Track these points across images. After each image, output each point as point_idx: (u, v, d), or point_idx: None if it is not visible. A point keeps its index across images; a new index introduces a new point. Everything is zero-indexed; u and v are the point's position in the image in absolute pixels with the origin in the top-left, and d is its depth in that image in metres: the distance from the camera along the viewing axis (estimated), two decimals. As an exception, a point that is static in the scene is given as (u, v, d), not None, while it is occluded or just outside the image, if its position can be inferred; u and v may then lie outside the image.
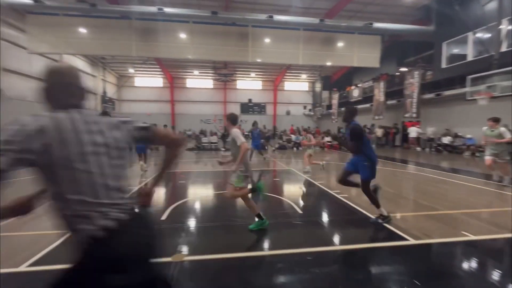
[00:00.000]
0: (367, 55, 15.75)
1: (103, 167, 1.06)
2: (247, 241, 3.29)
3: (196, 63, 25.58)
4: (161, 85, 30.82)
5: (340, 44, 15.82)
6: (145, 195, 1.39)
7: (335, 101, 23.35)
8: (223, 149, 16.03)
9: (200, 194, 5.57)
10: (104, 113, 1.39)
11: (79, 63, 22.39)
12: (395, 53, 19.57)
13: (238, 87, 32.04)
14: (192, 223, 3.82)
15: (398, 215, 4.11)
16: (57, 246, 2.99)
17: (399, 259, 2.86)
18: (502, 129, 5.78)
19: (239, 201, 4.98)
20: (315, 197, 5.55)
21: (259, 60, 15.89)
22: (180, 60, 23.79)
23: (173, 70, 28.68)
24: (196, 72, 29.23)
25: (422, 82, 14.12)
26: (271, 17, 13.29)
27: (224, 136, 18.42)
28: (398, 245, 3.10)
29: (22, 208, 1.08)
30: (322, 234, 3.51)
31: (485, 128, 6.10)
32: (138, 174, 7.32)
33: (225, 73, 26.96)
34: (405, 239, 3.17)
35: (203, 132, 27.97)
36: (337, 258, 2.88)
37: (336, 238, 3.38)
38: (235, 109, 31.01)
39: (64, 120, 1.03)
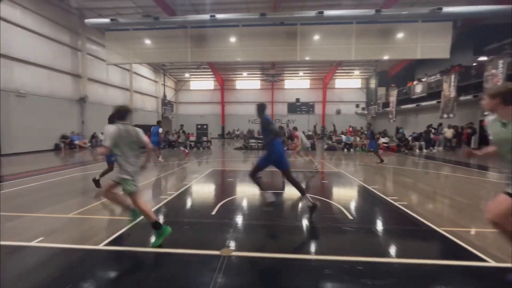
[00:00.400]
0: (434, 45, 13.86)
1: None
2: (293, 242, 3.23)
3: (244, 65, 26.39)
4: (213, 87, 32.68)
5: (400, 35, 14.31)
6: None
7: (393, 98, 21.24)
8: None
9: (247, 193, 5.71)
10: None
11: (144, 71, 25.38)
12: (471, 40, 16.78)
13: (285, 86, 31.89)
14: (239, 220, 3.93)
15: (472, 231, 3.51)
16: (126, 231, 3.43)
17: (474, 283, 2.42)
18: None
19: (285, 202, 4.94)
20: (368, 202, 5.14)
21: (307, 58, 15.51)
22: (230, 63, 24.90)
23: (224, 73, 30.18)
24: (244, 73, 30.15)
25: (508, 72, 11.75)
26: (321, 13, 12.81)
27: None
28: (473, 265, 2.64)
29: None
30: (376, 243, 3.21)
31: None
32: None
33: (272, 73, 27.13)
34: (483, 260, 2.67)
35: (250, 132, 28.67)
36: (393, 272, 2.60)
37: (393, 250, 3.05)
38: (283, 109, 30.94)
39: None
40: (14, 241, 3.15)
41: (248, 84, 32.24)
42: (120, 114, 3.03)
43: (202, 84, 32.94)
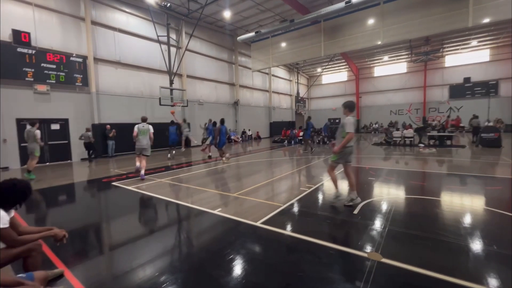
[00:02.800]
0: None
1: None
2: (458, 265, 2.47)
3: (386, 48, 22.89)
4: (346, 78, 30.80)
5: None
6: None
7: None
8: (421, 145, 13.19)
9: (393, 195, 4.97)
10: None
11: (280, 72, 27.78)
12: None
13: (446, 65, 24.74)
14: (385, 224, 3.48)
15: None
16: (275, 214, 3.93)
17: None
18: None
19: (446, 214, 3.87)
20: None
21: (486, 21, 11.22)
22: (367, 49, 22.42)
23: (359, 61, 27.62)
24: (385, 57, 26.19)
25: None
26: None
27: (420, 129, 15.09)
28: None
29: None
30: None
31: None
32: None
33: (425, 51, 21.78)
34: None
35: (392, 125, 24.71)
36: None
37: None
38: (440, 94, 24.46)
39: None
40: (203, 207, 4.41)
41: (389, 69, 27.79)
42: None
43: (334, 76, 31.81)
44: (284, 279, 2.35)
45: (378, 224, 3.50)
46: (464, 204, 4.29)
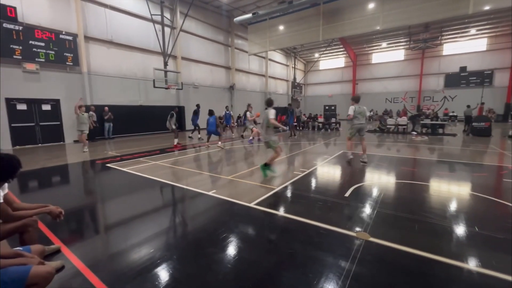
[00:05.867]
0: None
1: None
2: (442, 244, 2.61)
3: (385, 34, 22.58)
4: (343, 65, 30.51)
5: None
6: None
7: None
8: (414, 132, 13.38)
9: (384, 179, 5.11)
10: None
11: (277, 57, 27.27)
12: None
13: (444, 53, 24.67)
14: (375, 206, 3.61)
15: None
16: (269, 196, 4.02)
17: None
18: None
19: (433, 198, 4.02)
20: None
21: (486, 8, 11.10)
22: (366, 35, 22.08)
23: (357, 47, 27.29)
24: (384, 44, 25.89)
25: None
26: None
27: (415, 117, 15.25)
28: None
29: None
30: None
31: None
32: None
33: (424, 38, 21.58)
34: None
35: (387, 113, 24.88)
36: None
37: None
38: (436, 83, 24.58)
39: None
40: (198, 189, 4.47)
41: (387, 56, 27.58)
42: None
43: (332, 62, 31.45)
44: (276, 256, 2.46)
45: (367, 206, 3.62)
46: (451, 190, 4.44)
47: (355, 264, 2.27)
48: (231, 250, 2.57)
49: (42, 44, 10.28)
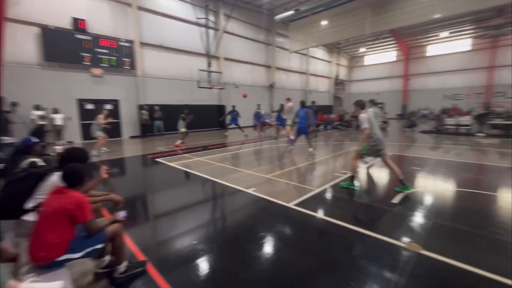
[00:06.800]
0: None
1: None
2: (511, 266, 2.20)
3: (444, 22, 20.06)
4: (393, 59, 28.04)
5: None
6: None
7: None
8: (481, 134, 11.64)
9: (440, 186, 4.55)
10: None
11: (319, 53, 26.35)
12: None
13: (522, 40, 20.77)
14: (427, 216, 3.24)
15: None
16: (308, 197, 3.92)
17: None
18: None
19: (504, 211, 3.43)
20: None
21: None
22: (422, 24, 19.85)
23: (410, 39, 24.76)
24: (443, 34, 22.97)
25: None
26: None
27: (481, 117, 13.25)
28: None
29: None
30: None
31: None
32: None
33: (496, 24, 18.52)
34: None
35: (445, 111, 22.11)
36: None
37: None
38: (509, 76, 21.02)
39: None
40: (237, 186, 4.59)
41: (447, 47, 24.45)
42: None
43: (380, 57, 29.17)
44: (315, 259, 2.38)
45: (420, 215, 3.28)
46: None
47: (403, 277, 2.08)
48: (269, 248, 2.57)
49: (106, 51, 11.67)
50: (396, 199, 3.82)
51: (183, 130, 9.60)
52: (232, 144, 10.41)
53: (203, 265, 2.31)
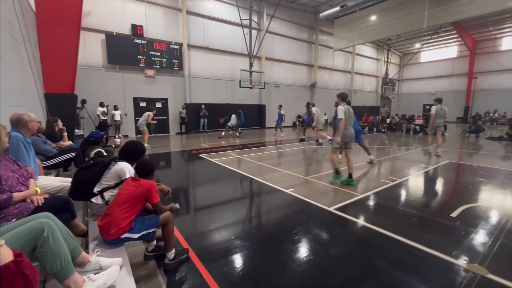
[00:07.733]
0: None
1: None
2: None
3: (524, 10, 17.00)
4: (455, 55, 24.89)
5: None
6: None
7: None
8: None
9: (510, 202, 3.90)
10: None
11: (366, 50, 24.74)
12: None
13: None
14: (496, 235, 2.79)
15: None
16: (351, 202, 3.72)
17: None
18: None
19: None
20: None
21: None
22: (494, 14, 17.20)
23: (478, 31, 21.66)
24: (521, 24, 19.58)
25: None
26: None
27: None
28: None
29: None
30: None
31: None
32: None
33: None
34: None
35: (521, 115, 18.82)
36: None
37: None
38: None
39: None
40: (276, 185, 4.58)
41: (526, 39, 20.73)
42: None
43: (438, 53, 26.15)
44: (358, 268, 2.24)
45: (484, 234, 2.85)
46: None
47: (464, 302, 1.83)
48: (307, 251, 2.50)
49: (158, 53, 12.71)
50: (455, 213, 3.38)
51: (233, 124, 11.02)
52: (270, 143, 10.43)
53: (241, 260, 2.36)
